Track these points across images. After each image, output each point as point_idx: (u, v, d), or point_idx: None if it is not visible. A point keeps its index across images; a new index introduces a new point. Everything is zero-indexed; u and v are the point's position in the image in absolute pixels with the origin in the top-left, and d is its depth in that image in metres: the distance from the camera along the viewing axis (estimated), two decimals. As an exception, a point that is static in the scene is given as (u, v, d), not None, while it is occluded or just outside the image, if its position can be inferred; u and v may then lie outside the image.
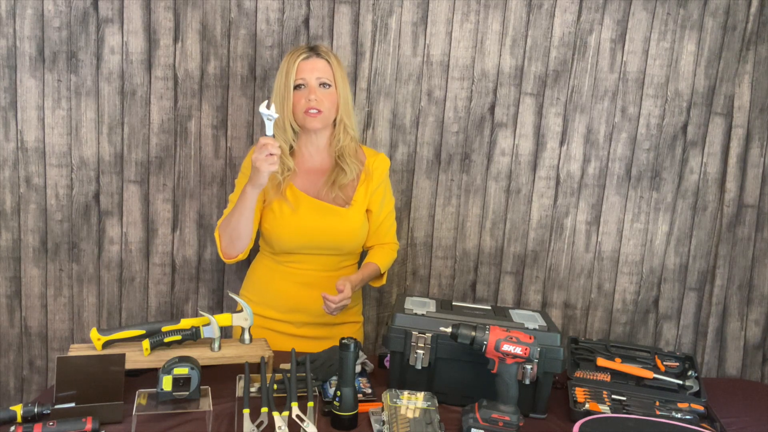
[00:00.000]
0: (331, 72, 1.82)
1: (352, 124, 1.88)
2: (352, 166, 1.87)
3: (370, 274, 1.91)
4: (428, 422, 1.39)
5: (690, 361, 1.81)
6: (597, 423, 1.47)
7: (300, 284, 1.88)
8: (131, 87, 2.15)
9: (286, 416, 1.33)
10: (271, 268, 1.91)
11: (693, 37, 2.17)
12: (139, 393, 1.38)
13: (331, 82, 1.82)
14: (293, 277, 1.88)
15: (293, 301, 1.89)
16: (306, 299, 1.87)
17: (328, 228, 1.84)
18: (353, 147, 1.90)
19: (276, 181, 1.83)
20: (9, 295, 2.24)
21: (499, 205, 2.26)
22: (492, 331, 1.43)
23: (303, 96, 1.80)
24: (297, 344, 1.82)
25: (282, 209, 1.84)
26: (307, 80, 1.80)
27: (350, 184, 1.89)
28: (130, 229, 2.23)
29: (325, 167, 1.90)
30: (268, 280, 1.92)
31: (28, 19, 2.09)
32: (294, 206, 1.84)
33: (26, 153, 2.16)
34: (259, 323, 1.86)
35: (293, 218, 1.83)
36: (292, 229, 1.83)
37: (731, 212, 2.23)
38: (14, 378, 2.29)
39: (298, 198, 1.85)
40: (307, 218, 1.83)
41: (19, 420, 1.35)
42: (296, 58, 1.80)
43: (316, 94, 1.80)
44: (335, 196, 1.86)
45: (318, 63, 1.81)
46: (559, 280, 2.30)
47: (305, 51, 1.82)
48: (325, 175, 1.88)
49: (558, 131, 2.22)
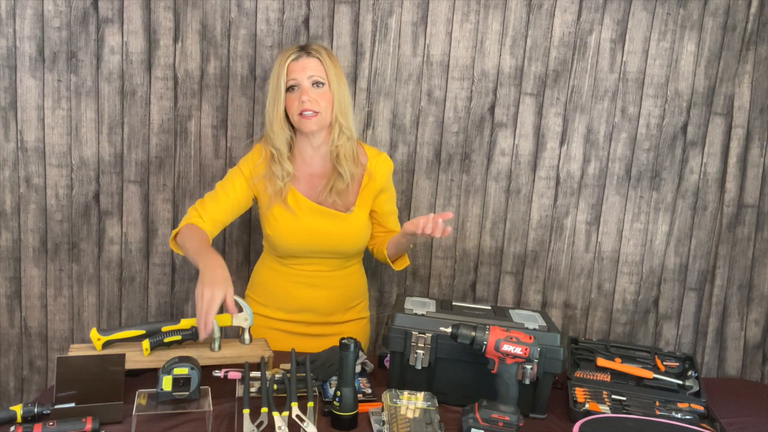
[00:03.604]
0: (324, 70, 1.75)
1: (349, 124, 1.80)
2: (349, 171, 1.80)
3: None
4: (428, 422, 1.39)
5: (690, 361, 1.81)
6: (597, 423, 1.47)
7: (305, 285, 1.87)
8: (131, 87, 2.15)
9: (286, 416, 1.33)
10: (275, 270, 1.90)
11: (693, 37, 2.17)
12: (139, 393, 1.38)
13: (324, 81, 1.75)
14: (298, 278, 1.87)
15: (300, 302, 1.87)
16: (313, 299, 1.87)
17: (330, 232, 1.81)
18: (350, 148, 1.81)
19: (278, 186, 1.79)
20: (9, 295, 2.24)
21: (499, 205, 2.26)
22: (492, 331, 1.43)
23: (296, 98, 1.74)
24: (308, 343, 1.83)
25: (283, 214, 1.81)
26: (298, 81, 1.74)
27: (350, 188, 1.83)
28: (130, 229, 2.23)
29: (325, 170, 1.85)
30: (273, 282, 1.90)
31: (28, 19, 2.09)
32: (296, 211, 1.80)
33: (26, 153, 2.16)
34: (268, 324, 1.87)
35: (295, 223, 1.80)
36: (295, 234, 1.81)
37: (731, 212, 2.23)
38: (14, 378, 2.29)
39: (300, 203, 1.81)
40: (309, 223, 1.80)
41: (19, 420, 1.35)
42: (286, 60, 1.74)
43: (309, 95, 1.73)
44: (333, 202, 1.81)
45: (309, 62, 1.74)
46: (559, 280, 2.30)
47: (295, 51, 1.75)
48: (324, 179, 1.84)
49: (558, 131, 2.22)
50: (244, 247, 2.28)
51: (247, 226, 2.26)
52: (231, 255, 2.27)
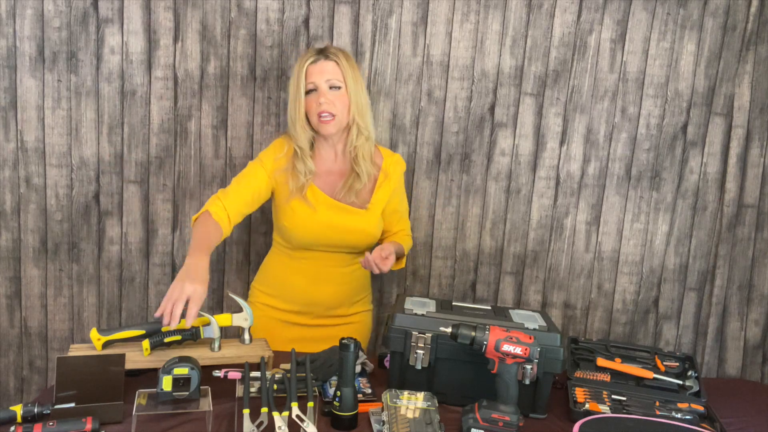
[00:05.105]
0: (341, 73, 1.81)
1: (367, 125, 1.87)
2: (366, 171, 1.88)
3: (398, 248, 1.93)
4: (428, 422, 1.39)
5: (690, 361, 1.81)
6: (597, 423, 1.47)
7: (313, 279, 1.92)
8: (131, 87, 2.15)
9: (286, 416, 1.33)
10: (285, 264, 1.94)
11: (693, 37, 2.17)
12: (139, 393, 1.38)
13: (341, 84, 1.82)
14: (306, 273, 1.91)
15: (307, 296, 1.93)
16: (319, 294, 1.92)
17: (346, 227, 1.86)
18: (368, 148, 1.90)
19: (299, 182, 1.85)
20: (9, 295, 2.24)
21: (499, 205, 2.26)
22: (492, 331, 1.43)
23: (314, 100, 1.81)
24: (313, 333, 1.91)
25: (302, 208, 1.86)
26: (317, 84, 1.81)
27: (366, 187, 1.90)
28: (130, 229, 2.23)
29: (343, 170, 1.91)
30: (282, 275, 1.95)
31: (28, 19, 2.09)
32: (314, 206, 1.86)
33: (26, 153, 2.16)
34: (275, 315, 1.94)
35: (313, 217, 1.85)
36: (311, 227, 1.86)
37: (731, 212, 2.23)
38: (14, 378, 2.29)
39: (318, 198, 1.87)
40: (326, 218, 1.85)
41: (19, 420, 1.35)
42: (305, 63, 1.81)
43: (326, 97, 1.80)
44: (352, 201, 1.88)
45: (326, 65, 1.81)
46: (559, 280, 2.30)
47: (313, 54, 1.82)
48: (342, 178, 1.90)
49: (558, 131, 2.22)
50: (244, 247, 2.28)
51: (247, 227, 2.26)
52: (231, 255, 2.27)
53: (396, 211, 2.00)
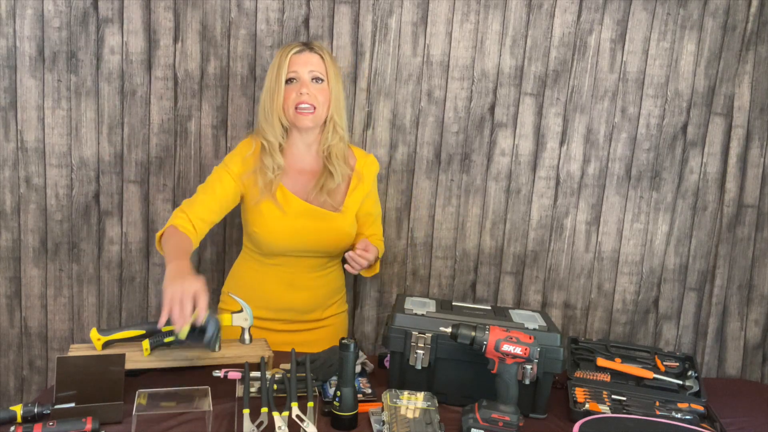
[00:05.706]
0: (324, 67, 1.79)
1: (342, 124, 1.84)
2: (340, 170, 1.83)
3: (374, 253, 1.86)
4: (428, 422, 1.39)
5: (690, 361, 1.81)
6: (597, 423, 1.47)
7: (286, 286, 1.87)
8: (131, 87, 2.15)
9: (286, 416, 1.33)
10: (256, 270, 1.90)
11: (693, 38, 2.17)
12: (139, 393, 1.38)
13: (324, 77, 1.78)
14: (279, 279, 1.87)
15: (280, 302, 1.88)
16: (292, 300, 1.88)
17: (318, 232, 1.82)
18: (342, 148, 1.85)
19: (267, 179, 1.79)
20: (9, 295, 2.24)
21: (499, 206, 2.26)
22: (492, 331, 1.43)
23: (294, 90, 1.76)
24: (285, 339, 1.82)
25: (271, 211, 1.80)
26: (299, 74, 1.77)
27: (339, 188, 1.86)
28: (130, 229, 2.23)
29: (315, 168, 1.86)
30: (254, 281, 1.90)
31: (28, 19, 2.09)
32: (284, 209, 1.80)
33: (26, 153, 2.16)
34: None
35: (283, 221, 1.80)
36: (282, 232, 1.81)
37: (731, 212, 2.23)
38: (14, 378, 2.29)
39: (288, 200, 1.81)
40: (297, 221, 1.81)
41: (19, 420, 1.35)
42: (288, 52, 1.77)
43: (309, 89, 1.76)
44: (324, 201, 1.82)
45: (311, 57, 1.78)
46: (559, 280, 2.30)
47: (298, 45, 1.80)
48: (314, 177, 1.85)
49: (558, 131, 2.22)
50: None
51: (247, 226, 2.26)
52: (231, 255, 2.27)
53: (369, 213, 1.96)
